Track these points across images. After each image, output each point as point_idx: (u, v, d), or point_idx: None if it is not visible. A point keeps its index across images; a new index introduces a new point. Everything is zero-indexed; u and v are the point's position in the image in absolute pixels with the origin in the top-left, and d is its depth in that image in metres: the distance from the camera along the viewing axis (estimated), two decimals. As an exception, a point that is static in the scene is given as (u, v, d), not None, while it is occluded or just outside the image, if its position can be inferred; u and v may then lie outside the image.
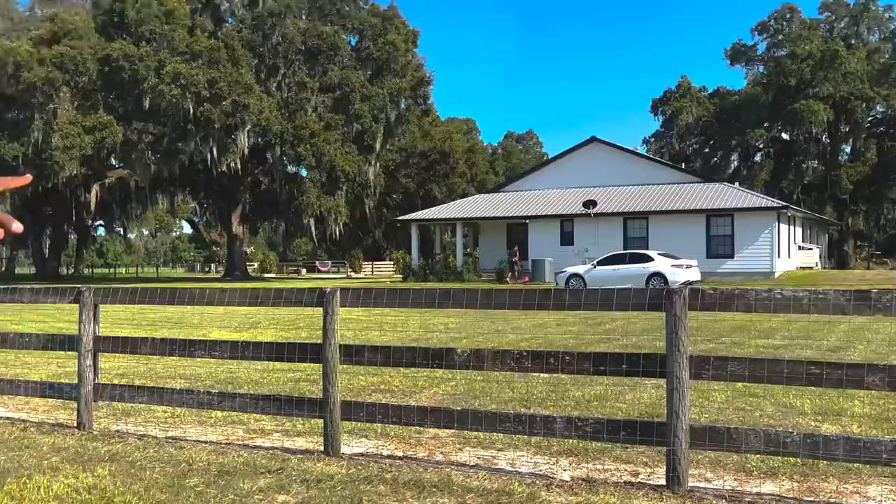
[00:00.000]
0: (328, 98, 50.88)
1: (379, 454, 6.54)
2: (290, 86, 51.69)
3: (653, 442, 5.41)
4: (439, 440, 6.97)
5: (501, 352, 6.09)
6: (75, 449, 6.56)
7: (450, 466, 6.11)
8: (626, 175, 43.53)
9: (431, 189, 65.82)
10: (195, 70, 44.57)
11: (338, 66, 51.60)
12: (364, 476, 5.79)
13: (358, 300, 6.81)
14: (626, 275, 30.67)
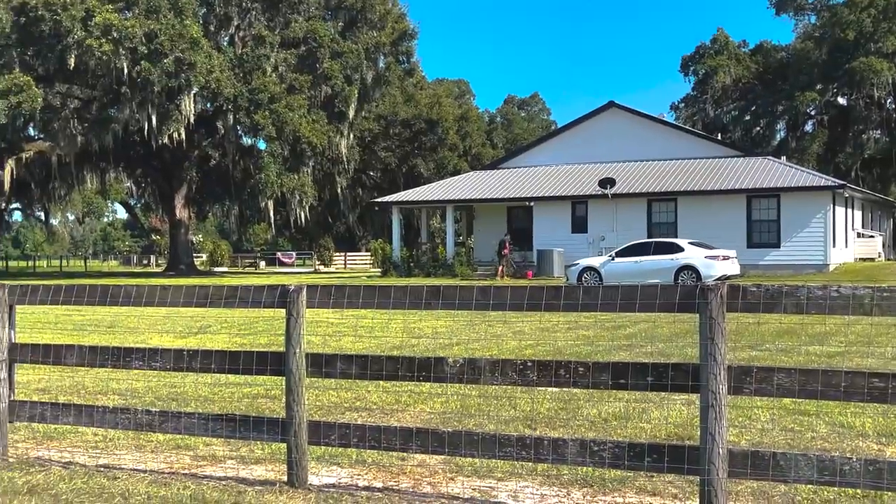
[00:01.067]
0: (291, 55, 50.72)
1: (354, 485, 6.47)
2: (246, 40, 51.52)
3: (684, 470, 5.27)
4: (427, 468, 6.89)
5: (501, 361, 5.99)
6: None
7: (440, 500, 6.05)
8: (650, 148, 43.42)
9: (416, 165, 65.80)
10: (131, 21, 44.36)
11: (303, 16, 51.46)
12: None
13: (329, 299, 6.68)
14: (650, 268, 30.51)
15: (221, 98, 47.84)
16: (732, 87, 70.21)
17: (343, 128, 52.46)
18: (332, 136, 51.36)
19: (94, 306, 7.79)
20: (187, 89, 46.33)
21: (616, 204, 40.19)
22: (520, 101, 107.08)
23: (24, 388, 9.37)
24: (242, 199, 56.32)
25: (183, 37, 45.23)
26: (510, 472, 6.59)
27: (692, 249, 31.34)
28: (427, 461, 6.99)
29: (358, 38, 52.20)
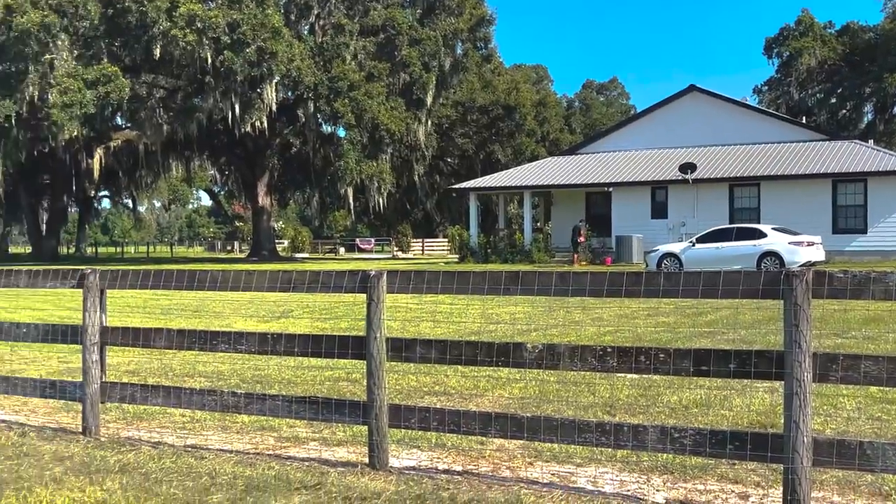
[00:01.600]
0: (370, 43, 50.93)
1: (434, 468, 6.48)
2: (326, 29, 51.84)
3: (767, 458, 5.16)
4: (505, 452, 6.87)
5: (581, 347, 5.87)
6: (81, 458, 6.68)
7: (519, 484, 5.95)
8: (732, 132, 42.58)
9: (494, 151, 65.61)
10: (214, 11, 44.95)
11: (381, 3, 51.60)
12: (416, 494, 5.71)
13: (408, 285, 6.68)
14: (732, 254, 29.89)
15: (302, 86, 48.25)
16: (818, 70, 68.58)
17: (421, 115, 52.52)
18: (410, 123, 51.49)
19: (181, 290, 7.93)
20: (269, 78, 46.78)
21: (697, 189, 39.58)
22: (598, 85, 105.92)
23: (114, 370, 9.60)
24: (322, 186, 56.79)
25: (265, 26, 45.69)
26: (589, 458, 6.54)
27: (775, 235, 30.65)
28: (506, 446, 6.93)
29: (436, 24, 52.18)
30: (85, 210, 72.66)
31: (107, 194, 70.56)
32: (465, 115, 65.15)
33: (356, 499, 5.63)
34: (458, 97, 61.81)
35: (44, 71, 44.82)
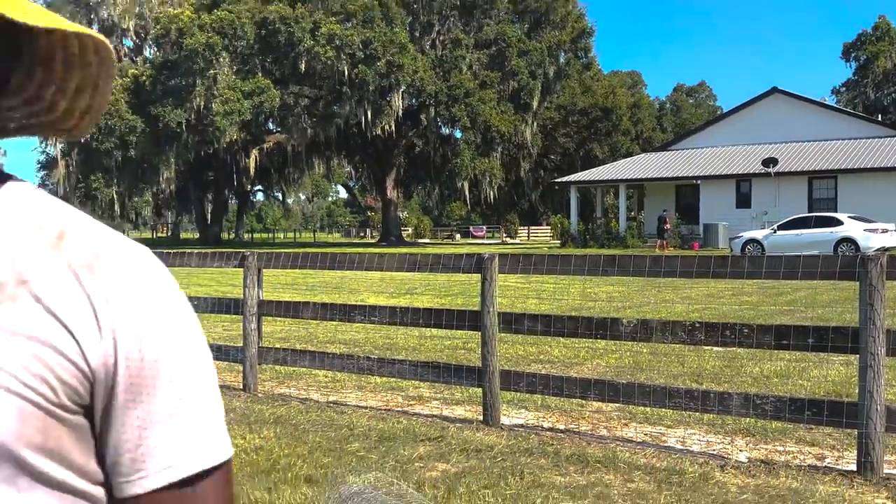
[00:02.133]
0: (483, 55, 50.94)
1: (539, 426, 6.55)
2: (445, 43, 52.03)
3: (842, 423, 5.12)
4: (603, 414, 6.90)
5: (671, 323, 5.96)
6: (242, 410, 6.97)
7: (615, 442, 6.01)
8: (811, 130, 41.17)
9: (592, 149, 64.89)
10: (350, 30, 45.62)
11: (494, 20, 51.46)
12: (525, 448, 5.80)
13: (517, 266, 6.84)
14: (810, 240, 28.91)
15: (424, 94, 48.64)
16: (893, 71, 65.62)
17: (527, 117, 52.36)
18: (518, 125, 51.37)
19: (324, 270, 8.13)
20: (396, 88, 47.30)
21: (778, 182, 38.42)
22: (688, 88, 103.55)
23: (268, 336, 9.92)
24: (441, 180, 57.17)
25: (393, 42, 46.20)
26: (678, 421, 6.57)
27: (851, 223, 29.53)
28: (603, 408, 6.96)
29: (541, 37, 51.86)
30: (242, 202, 74.94)
31: (260, 188, 72.35)
32: (567, 116, 64.60)
33: (473, 451, 5.74)
34: (560, 101, 61.31)
35: (208, 84, 46.31)
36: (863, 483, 4.78)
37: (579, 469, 5.32)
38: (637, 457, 5.54)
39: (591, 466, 5.35)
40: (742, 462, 5.39)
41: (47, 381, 0.95)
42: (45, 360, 0.95)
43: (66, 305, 0.98)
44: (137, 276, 1.02)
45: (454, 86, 48.63)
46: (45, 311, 0.97)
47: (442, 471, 5.33)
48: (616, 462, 5.42)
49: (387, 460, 5.55)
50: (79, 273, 1.00)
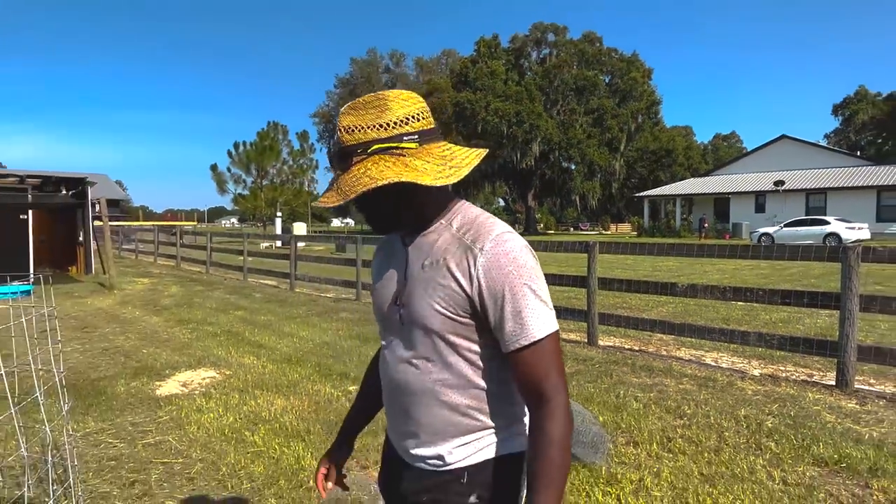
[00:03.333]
0: (589, 118, 49.70)
1: (622, 347, 6.37)
2: (565, 111, 51.17)
3: (826, 354, 4.95)
4: (663, 342, 6.69)
5: (710, 286, 5.65)
6: None
7: (670, 359, 5.84)
8: (809, 162, 37.68)
9: (658, 175, 61.78)
10: (507, 106, 45.76)
11: (596, 96, 50.06)
12: (613, 360, 5.73)
13: (609, 248, 6.72)
14: (806, 234, 26.74)
15: (552, 143, 48.08)
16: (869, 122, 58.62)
17: (617, 156, 50.65)
18: (611, 161, 49.84)
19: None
20: (534, 139, 47.03)
21: (785, 196, 35.48)
22: (723, 136, 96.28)
23: None
24: (562, 195, 56.33)
25: (533, 112, 45.98)
26: (712, 348, 6.35)
27: (836, 223, 26.95)
28: (663, 338, 6.84)
29: (627, 106, 49.96)
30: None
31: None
32: (642, 155, 61.85)
33: (580, 360, 5.73)
34: (638, 145, 58.76)
35: (424, 140, 47.36)
36: (840, 394, 4.69)
37: (647, 374, 5.23)
38: (685, 369, 5.42)
39: (654, 373, 5.27)
40: (756, 376, 5.22)
41: (450, 305, 1.15)
42: (449, 295, 1.15)
43: (457, 267, 1.15)
44: (491, 246, 1.13)
45: (571, 137, 47.80)
46: (448, 271, 1.16)
47: None
48: (671, 371, 5.32)
49: None
50: (469, 248, 1.15)
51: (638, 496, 3.05)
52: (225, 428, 4.01)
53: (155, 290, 11.84)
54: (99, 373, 5.50)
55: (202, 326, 7.85)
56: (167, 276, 14.40)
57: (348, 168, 1.13)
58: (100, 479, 3.29)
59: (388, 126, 1.13)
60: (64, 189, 14.24)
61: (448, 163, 1.15)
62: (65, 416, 2.95)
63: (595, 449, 3.45)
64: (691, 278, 13.06)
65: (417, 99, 1.18)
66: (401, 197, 1.16)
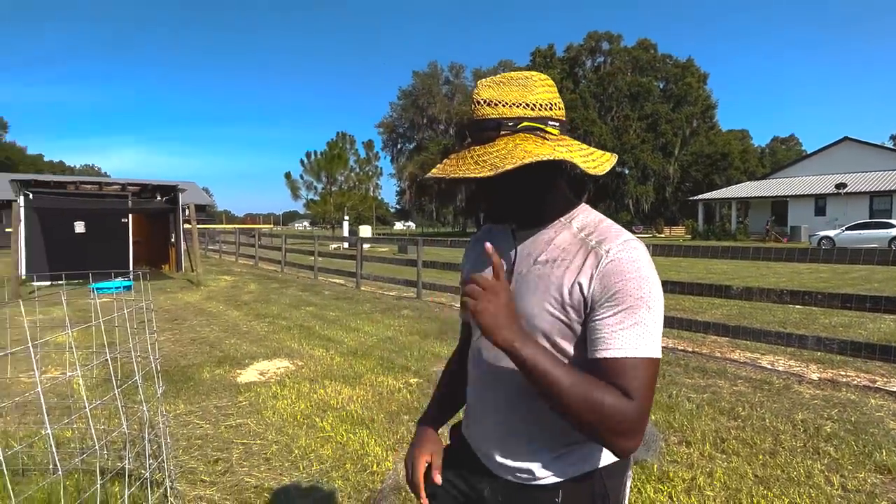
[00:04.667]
0: (643, 123, 48.35)
1: (675, 348, 6.18)
2: (619, 118, 49.95)
3: (890, 360, 4.57)
4: (717, 344, 6.41)
5: (767, 289, 5.34)
6: None
7: (725, 361, 5.60)
8: (873, 164, 35.07)
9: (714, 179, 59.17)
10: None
11: (650, 102, 48.64)
12: (666, 360, 5.57)
13: (663, 251, 6.45)
14: (869, 237, 24.81)
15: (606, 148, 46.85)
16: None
17: (671, 160, 49.03)
18: (665, 165, 48.24)
19: None
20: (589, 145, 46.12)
21: (847, 199, 33.19)
22: (781, 139, 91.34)
23: None
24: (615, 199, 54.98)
25: (587, 119, 45.16)
26: (768, 351, 6.01)
27: (901, 227, 25.08)
28: (717, 340, 6.54)
29: (681, 111, 48.29)
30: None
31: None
32: (697, 159, 59.39)
33: None
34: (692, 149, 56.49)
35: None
36: (904, 401, 4.26)
37: (701, 376, 5.02)
38: (740, 371, 5.18)
39: (708, 374, 5.06)
40: (814, 380, 4.90)
41: (564, 306, 1.03)
42: (564, 296, 1.03)
43: (578, 267, 1.03)
44: (617, 251, 1.02)
45: (624, 142, 46.67)
46: (567, 271, 1.04)
47: None
48: (725, 373, 5.09)
49: None
50: (593, 250, 1.04)
51: (690, 495, 2.94)
52: (297, 414, 4.14)
53: (236, 286, 12.35)
54: (188, 360, 5.80)
55: (277, 321, 8.06)
56: (246, 275, 15.00)
57: (489, 141, 1.02)
58: (188, 455, 3.46)
59: (535, 107, 1.04)
60: (159, 195, 15.11)
61: (589, 155, 1.08)
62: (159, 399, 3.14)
63: (647, 447, 3.36)
64: (746, 281, 12.39)
65: (556, 87, 1.11)
66: (535, 183, 1.07)
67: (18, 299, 8.99)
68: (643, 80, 48.55)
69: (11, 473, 2.94)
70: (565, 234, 1.09)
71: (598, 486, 1.08)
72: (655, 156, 47.27)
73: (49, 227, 12.69)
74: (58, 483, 2.73)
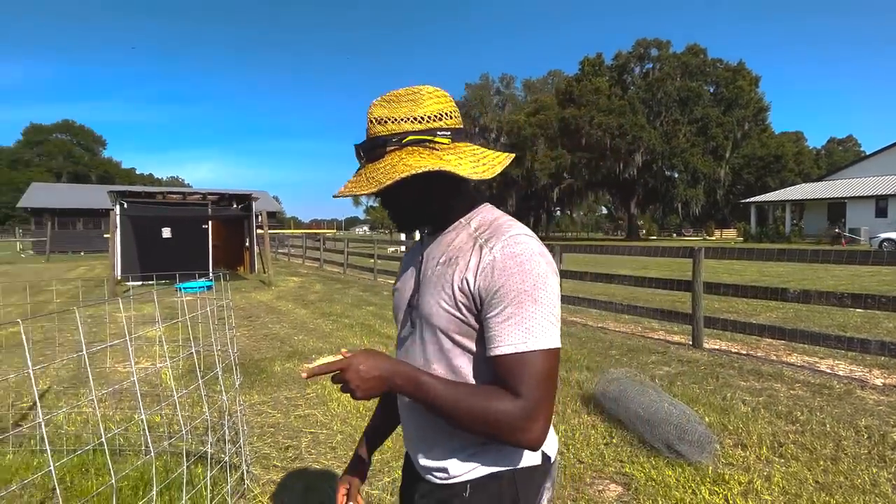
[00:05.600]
0: (693, 128, 46.44)
1: (728, 350, 5.88)
2: (668, 122, 48.21)
3: None
4: (773, 347, 6.05)
5: (826, 292, 5.02)
6: None
7: (781, 364, 5.27)
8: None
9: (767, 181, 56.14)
10: (611, 119, 44.04)
11: (700, 106, 46.68)
12: (719, 362, 5.33)
13: (715, 254, 6.25)
14: (935, 239, 23.00)
15: (655, 153, 45.55)
16: None
17: (721, 164, 46.87)
18: (715, 168, 46.19)
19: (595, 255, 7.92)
20: (637, 150, 44.84)
21: (910, 200, 30.73)
22: (838, 140, 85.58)
23: None
24: (664, 202, 53.07)
25: (636, 125, 43.86)
26: (827, 355, 5.64)
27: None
28: (773, 343, 6.20)
29: (732, 115, 46.09)
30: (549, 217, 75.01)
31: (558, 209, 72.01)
32: (749, 161, 56.42)
33: (685, 361, 5.40)
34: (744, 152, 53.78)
35: (532, 154, 47.25)
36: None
37: (756, 378, 4.75)
38: (797, 375, 4.86)
39: (764, 377, 4.78)
40: (878, 385, 4.55)
41: (455, 302, 1.02)
42: (454, 292, 1.02)
43: (466, 265, 1.02)
44: (500, 247, 0.99)
45: (674, 147, 44.99)
46: (456, 269, 1.03)
47: (665, 371, 5.01)
48: (782, 377, 4.80)
49: (632, 362, 5.32)
50: (480, 247, 1.02)
51: (747, 498, 2.79)
52: (360, 406, 4.20)
53: (303, 287, 12.71)
54: (261, 354, 6.01)
55: (341, 319, 8.22)
56: (312, 276, 15.42)
57: (379, 158, 1.03)
58: (262, 442, 3.58)
59: (423, 120, 1.03)
60: (235, 203, 15.79)
61: (480, 160, 1.05)
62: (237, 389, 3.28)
63: (701, 448, 3.21)
64: (803, 284, 11.70)
65: (448, 98, 1.08)
66: (430, 192, 1.05)
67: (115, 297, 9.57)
68: (692, 84, 46.65)
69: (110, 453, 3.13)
70: (463, 234, 1.08)
71: (508, 486, 1.04)
72: (706, 159, 45.25)
73: (140, 232, 13.48)
74: (150, 464, 2.88)
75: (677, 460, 3.17)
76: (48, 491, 2.80)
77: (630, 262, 19.65)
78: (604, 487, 2.91)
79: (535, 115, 47.83)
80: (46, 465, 2.99)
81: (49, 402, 4.25)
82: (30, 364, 1.67)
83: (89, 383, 4.66)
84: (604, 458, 3.25)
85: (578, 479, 3.00)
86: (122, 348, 5.71)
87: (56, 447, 3.22)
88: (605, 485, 2.94)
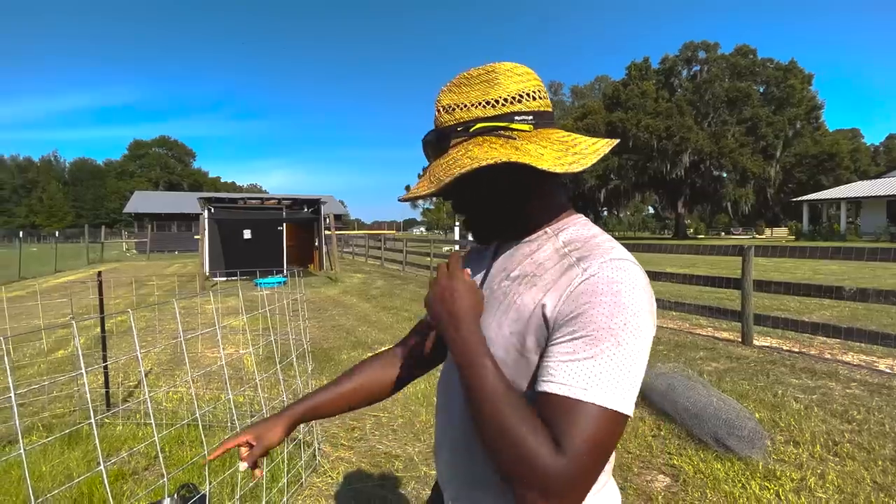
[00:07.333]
0: (742, 128, 43.94)
1: (779, 348, 5.53)
2: (716, 123, 45.86)
3: None
4: (827, 345, 5.65)
5: (885, 291, 4.58)
6: None
7: (836, 363, 4.91)
8: None
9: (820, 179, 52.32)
10: (658, 122, 42.44)
11: (749, 106, 44.11)
12: (769, 360, 5.03)
13: (765, 253, 6.00)
14: None
15: (703, 153, 43.45)
16: None
17: (772, 163, 44.11)
18: (765, 167, 43.51)
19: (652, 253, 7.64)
20: (685, 151, 42.94)
21: (979, 196, 27.73)
22: (898, 136, 78.30)
23: None
24: (713, 202, 50.54)
25: (684, 126, 42.00)
26: (886, 355, 5.19)
27: None
28: (827, 342, 5.78)
29: (783, 114, 43.27)
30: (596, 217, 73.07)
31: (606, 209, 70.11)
32: (801, 160, 52.75)
33: (734, 358, 5.14)
34: (796, 151, 50.35)
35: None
36: None
37: (809, 377, 4.44)
38: (853, 374, 4.50)
39: (817, 375, 4.47)
40: None
41: (522, 332, 0.77)
42: (524, 318, 0.78)
43: (547, 286, 0.77)
44: (597, 268, 0.74)
45: (722, 147, 42.73)
46: (534, 289, 0.79)
47: (714, 367, 4.80)
48: (837, 375, 4.47)
49: (680, 358, 5.12)
50: (571, 266, 0.77)
51: (800, 495, 2.62)
52: (418, 392, 4.26)
53: (366, 283, 13.02)
54: (329, 344, 6.19)
55: (400, 312, 8.29)
56: (374, 273, 15.75)
57: (444, 152, 0.81)
58: (330, 423, 3.70)
59: (497, 103, 0.80)
60: (306, 207, 16.38)
61: (570, 149, 0.79)
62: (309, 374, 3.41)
63: (751, 444, 3.04)
64: (859, 283, 10.86)
65: (532, 75, 0.83)
66: (507, 193, 0.82)
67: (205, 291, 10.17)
68: (741, 85, 44.12)
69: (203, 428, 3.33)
70: (548, 247, 0.82)
71: None
72: (755, 159, 42.68)
73: (225, 234, 14.25)
74: (235, 438, 3.03)
75: (726, 454, 3.02)
76: (151, 458, 3.00)
77: (676, 260, 18.89)
78: (652, 478, 2.82)
79: (583, 120, 46.71)
80: (150, 437, 3.21)
81: (151, 381, 4.49)
82: (137, 348, 1.79)
83: (184, 366, 4.89)
84: (651, 449, 3.14)
85: (627, 468, 2.92)
86: (212, 336, 6.04)
87: (157, 421, 3.45)
88: (653, 475, 2.85)
